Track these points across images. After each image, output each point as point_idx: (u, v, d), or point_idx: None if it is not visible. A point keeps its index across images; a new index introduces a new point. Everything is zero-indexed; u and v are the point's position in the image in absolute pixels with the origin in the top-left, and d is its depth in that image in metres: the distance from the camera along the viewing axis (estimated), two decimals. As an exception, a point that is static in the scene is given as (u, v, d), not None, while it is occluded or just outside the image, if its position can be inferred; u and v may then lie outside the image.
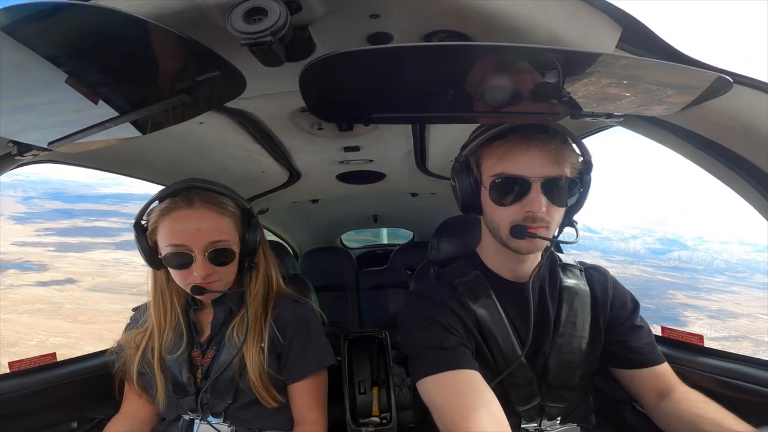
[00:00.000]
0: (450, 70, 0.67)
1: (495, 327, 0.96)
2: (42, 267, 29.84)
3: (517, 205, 0.88)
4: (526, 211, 0.87)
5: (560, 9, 0.64)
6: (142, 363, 1.13)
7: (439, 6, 0.62)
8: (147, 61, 0.64)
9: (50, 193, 67.64)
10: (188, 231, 1.01)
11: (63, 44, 0.59)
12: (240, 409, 1.10)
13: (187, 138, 1.26)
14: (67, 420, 1.31)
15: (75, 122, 0.77)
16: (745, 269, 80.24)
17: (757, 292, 53.86)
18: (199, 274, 1.00)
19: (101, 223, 52.10)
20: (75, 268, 29.60)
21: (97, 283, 25.86)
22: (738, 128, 0.81)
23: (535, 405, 0.97)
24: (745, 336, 34.33)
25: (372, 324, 2.68)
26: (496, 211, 0.92)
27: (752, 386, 1.04)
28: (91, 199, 75.34)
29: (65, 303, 20.06)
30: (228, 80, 0.70)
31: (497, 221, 0.92)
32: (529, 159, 0.87)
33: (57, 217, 53.31)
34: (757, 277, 73.59)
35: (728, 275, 70.13)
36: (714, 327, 36.13)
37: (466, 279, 1.01)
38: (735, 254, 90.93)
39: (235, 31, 0.54)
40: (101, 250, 37.55)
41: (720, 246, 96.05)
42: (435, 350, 0.91)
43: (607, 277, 1.06)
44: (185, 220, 1.01)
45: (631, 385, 1.01)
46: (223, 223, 1.05)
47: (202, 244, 1.01)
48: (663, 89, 0.69)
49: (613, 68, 0.64)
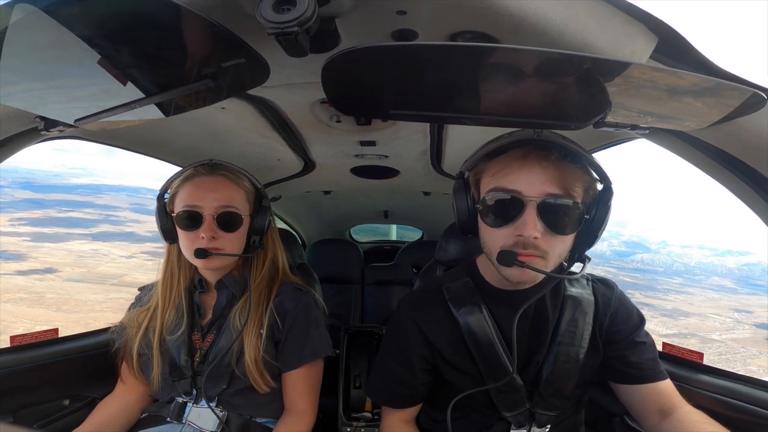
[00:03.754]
0: (473, 71, 0.66)
1: (481, 335, 0.94)
2: (20, 257, 30.21)
3: (509, 228, 0.80)
4: (518, 234, 0.79)
5: (594, 15, 0.62)
6: (143, 343, 1.15)
7: (467, 6, 0.61)
8: (176, 45, 0.65)
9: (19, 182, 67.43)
10: (203, 194, 1.08)
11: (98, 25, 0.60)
12: (234, 395, 1.11)
13: (207, 122, 1.28)
14: (59, 397, 1.31)
15: (102, 101, 0.79)
16: (702, 272, 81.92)
17: (711, 294, 57.20)
18: (205, 235, 1.05)
19: (75, 214, 52.35)
20: (53, 258, 29.95)
21: (77, 273, 26.12)
22: (765, 147, 0.78)
23: (524, 411, 0.96)
24: (694, 333, 35.56)
25: (374, 319, 2.69)
26: (488, 234, 0.84)
27: (755, 408, 1.02)
28: (61, 189, 75.51)
29: (46, 293, 20.49)
30: (252, 68, 0.70)
31: (489, 245, 0.85)
32: (526, 175, 0.79)
33: (28, 207, 53.47)
34: (713, 279, 75.55)
35: (685, 277, 72.34)
36: (666, 325, 37.66)
37: (455, 285, 1.00)
38: (694, 258, 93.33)
39: (264, 19, 0.54)
40: (78, 241, 37.94)
41: (681, 250, 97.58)
42: (385, 380, 1.03)
43: (614, 290, 1.03)
44: (203, 184, 1.10)
45: (633, 402, 0.98)
46: (236, 193, 1.12)
47: (213, 207, 1.07)
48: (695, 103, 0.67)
49: (644, 79, 0.62)
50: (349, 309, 2.77)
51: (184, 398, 1.13)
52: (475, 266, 1.03)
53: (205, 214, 1.07)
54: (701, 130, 0.81)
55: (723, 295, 57.96)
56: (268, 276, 1.19)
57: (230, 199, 1.10)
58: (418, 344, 0.99)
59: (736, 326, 39.04)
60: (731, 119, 0.71)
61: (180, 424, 1.10)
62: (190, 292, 1.18)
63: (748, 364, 29.76)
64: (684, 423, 0.89)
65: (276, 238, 1.25)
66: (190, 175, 1.12)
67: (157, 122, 1.20)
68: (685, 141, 0.92)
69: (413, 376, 0.99)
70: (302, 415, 1.13)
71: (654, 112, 0.75)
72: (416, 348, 0.99)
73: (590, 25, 0.63)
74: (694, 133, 0.86)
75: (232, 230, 1.10)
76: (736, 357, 30.42)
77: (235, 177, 1.14)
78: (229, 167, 1.16)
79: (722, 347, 32.39)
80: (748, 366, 29.07)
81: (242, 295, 1.14)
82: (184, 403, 1.12)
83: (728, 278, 75.89)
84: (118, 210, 57.51)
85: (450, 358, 0.97)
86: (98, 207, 56.53)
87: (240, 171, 1.17)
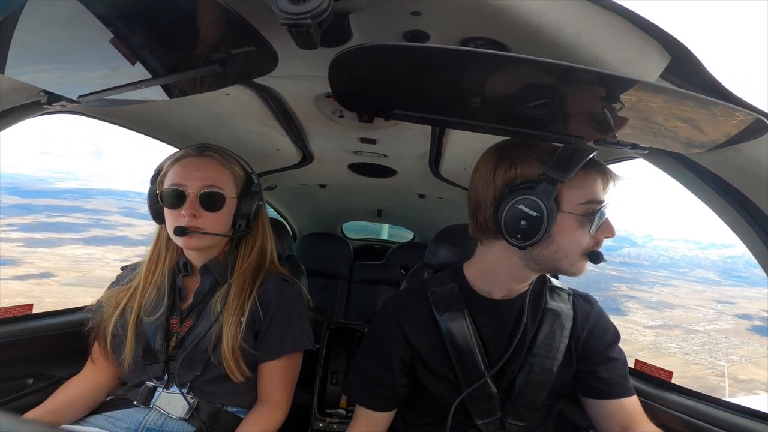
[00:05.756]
0: (482, 78, 0.67)
1: (461, 342, 0.96)
2: (15, 262, 30.15)
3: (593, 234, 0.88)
4: (606, 236, 0.88)
5: (608, 31, 0.62)
6: (119, 323, 1.12)
7: (483, 12, 0.61)
8: (188, 28, 0.64)
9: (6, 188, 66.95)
10: (189, 173, 1.09)
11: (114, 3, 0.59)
12: (207, 383, 1.09)
13: (210, 107, 1.26)
14: (23, 376, 1.26)
15: (108, 79, 0.78)
16: (687, 265, 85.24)
17: (695, 286, 59.79)
18: (186, 213, 1.06)
19: (65, 219, 52.29)
20: (47, 263, 30.03)
21: (73, 277, 26.24)
22: (762, 176, 0.79)
23: (495, 419, 0.97)
24: (678, 325, 37.00)
25: (357, 317, 2.68)
26: (577, 238, 0.87)
27: (715, 429, 1.03)
28: (49, 194, 74.94)
29: (45, 297, 20.46)
30: (261, 57, 0.70)
31: (570, 248, 0.87)
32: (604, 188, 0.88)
33: (17, 213, 53.33)
34: (698, 271, 78.62)
35: (671, 270, 75.38)
36: (651, 317, 38.99)
37: (440, 290, 1.01)
38: (680, 251, 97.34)
39: (279, 9, 0.54)
40: (71, 246, 38.04)
41: (667, 243, 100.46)
42: (363, 379, 1.03)
43: (593, 306, 1.05)
44: (191, 164, 1.11)
45: (597, 416, 1.01)
46: (223, 175, 1.13)
47: (197, 186, 1.08)
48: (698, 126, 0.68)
49: (651, 98, 0.63)
50: (334, 304, 2.76)
51: (154, 383, 1.10)
52: (462, 273, 1.03)
53: (189, 192, 1.07)
54: (700, 155, 0.82)
55: (707, 287, 59.65)
56: (254, 264, 1.18)
57: (215, 179, 1.11)
58: (398, 346, 0.99)
59: (719, 317, 40.34)
60: (732, 144, 0.72)
61: (147, 408, 1.07)
62: (173, 274, 1.17)
63: (730, 353, 30.54)
64: None
65: (267, 227, 1.24)
66: (180, 157, 1.13)
67: (159, 103, 1.19)
68: (682, 164, 0.93)
69: (391, 377, 0.99)
70: (276, 407, 1.12)
71: (656, 133, 0.76)
72: (396, 349, 0.99)
73: (604, 41, 0.63)
74: (693, 156, 0.87)
75: (214, 210, 1.10)
76: (718, 347, 31.18)
77: (223, 159, 1.15)
78: (219, 150, 1.17)
79: (705, 338, 33.35)
80: (730, 356, 29.83)
81: (225, 281, 1.13)
82: (154, 387, 1.09)
83: (712, 270, 78.16)
84: (107, 214, 57.48)
85: (429, 362, 0.98)
86: (88, 211, 56.50)
87: (230, 154, 1.17)
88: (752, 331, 37.66)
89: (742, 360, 29.60)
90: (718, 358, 29.91)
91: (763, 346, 33.14)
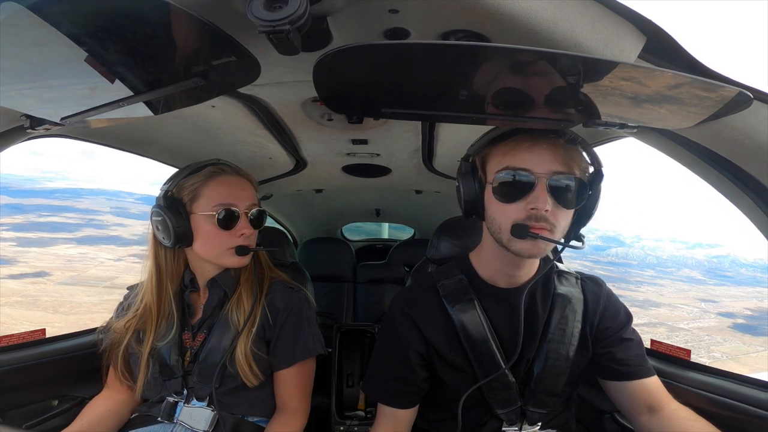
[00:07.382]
0: (465, 70, 0.67)
1: (475, 333, 0.96)
2: (9, 261, 30.10)
3: (521, 202, 0.85)
4: (531, 208, 0.83)
5: (583, 15, 0.63)
6: (130, 346, 1.13)
7: (459, 5, 0.61)
8: (165, 43, 0.64)
9: None
10: (236, 192, 1.11)
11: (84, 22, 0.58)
12: (225, 394, 1.10)
13: (197, 121, 1.26)
14: (48, 397, 1.30)
15: (89, 99, 0.77)
16: (673, 264, 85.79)
17: (681, 285, 60.42)
18: (246, 233, 1.09)
19: (56, 218, 51.98)
20: (41, 263, 29.94)
21: (68, 277, 26.19)
22: (752, 146, 0.80)
23: (515, 408, 0.97)
24: (663, 323, 37.58)
25: (366, 318, 2.69)
26: (499, 209, 0.88)
27: (742, 405, 1.03)
28: (39, 194, 74.38)
29: (41, 296, 20.52)
30: (243, 66, 0.70)
31: (499, 221, 0.88)
32: (536, 155, 0.84)
33: (8, 213, 53.08)
34: (684, 271, 79.32)
35: (657, 269, 75.99)
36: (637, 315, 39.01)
37: (449, 282, 1.01)
38: (667, 251, 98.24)
39: (255, 17, 0.54)
40: (64, 245, 37.95)
41: (655, 243, 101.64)
42: (383, 378, 1.02)
43: (602, 288, 1.05)
44: (233, 182, 1.12)
45: (621, 399, 1.00)
46: (254, 192, 1.17)
47: (245, 205, 1.11)
48: (681, 102, 0.68)
49: (632, 78, 0.63)
50: (341, 307, 2.77)
51: (174, 398, 1.11)
52: (469, 262, 1.04)
53: (241, 213, 1.10)
54: (689, 129, 0.82)
55: (692, 286, 60.67)
56: (257, 269, 1.19)
57: (254, 197, 1.15)
58: (413, 340, 0.99)
59: (702, 315, 41.09)
60: (718, 118, 0.73)
61: (171, 423, 1.09)
62: (179, 293, 1.17)
63: (711, 351, 30.85)
64: (672, 420, 0.91)
65: None
66: (213, 174, 1.10)
67: (145, 120, 1.18)
68: (672, 140, 0.93)
69: (410, 372, 0.99)
70: (294, 414, 1.13)
71: (642, 111, 0.76)
72: (412, 344, 0.99)
73: (580, 25, 0.63)
74: (682, 132, 0.87)
75: (260, 226, 1.15)
76: (700, 345, 31.55)
77: (249, 176, 1.18)
78: (234, 165, 1.19)
79: (688, 335, 33.90)
80: (711, 353, 30.17)
81: (234, 293, 1.14)
82: (175, 402, 1.11)
83: (697, 270, 79.21)
84: (99, 214, 57.16)
85: (444, 355, 0.98)
86: (79, 211, 56.22)
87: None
88: (734, 329, 38.18)
89: (724, 357, 29.85)
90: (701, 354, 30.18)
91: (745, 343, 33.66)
